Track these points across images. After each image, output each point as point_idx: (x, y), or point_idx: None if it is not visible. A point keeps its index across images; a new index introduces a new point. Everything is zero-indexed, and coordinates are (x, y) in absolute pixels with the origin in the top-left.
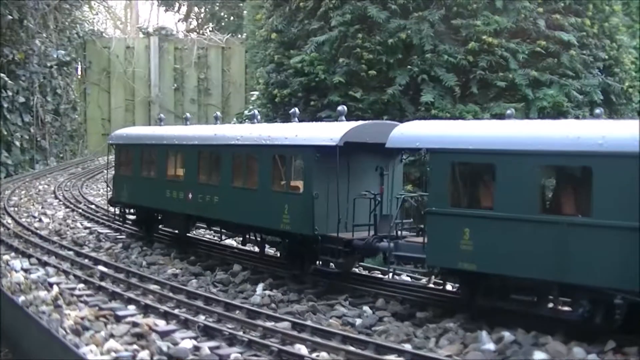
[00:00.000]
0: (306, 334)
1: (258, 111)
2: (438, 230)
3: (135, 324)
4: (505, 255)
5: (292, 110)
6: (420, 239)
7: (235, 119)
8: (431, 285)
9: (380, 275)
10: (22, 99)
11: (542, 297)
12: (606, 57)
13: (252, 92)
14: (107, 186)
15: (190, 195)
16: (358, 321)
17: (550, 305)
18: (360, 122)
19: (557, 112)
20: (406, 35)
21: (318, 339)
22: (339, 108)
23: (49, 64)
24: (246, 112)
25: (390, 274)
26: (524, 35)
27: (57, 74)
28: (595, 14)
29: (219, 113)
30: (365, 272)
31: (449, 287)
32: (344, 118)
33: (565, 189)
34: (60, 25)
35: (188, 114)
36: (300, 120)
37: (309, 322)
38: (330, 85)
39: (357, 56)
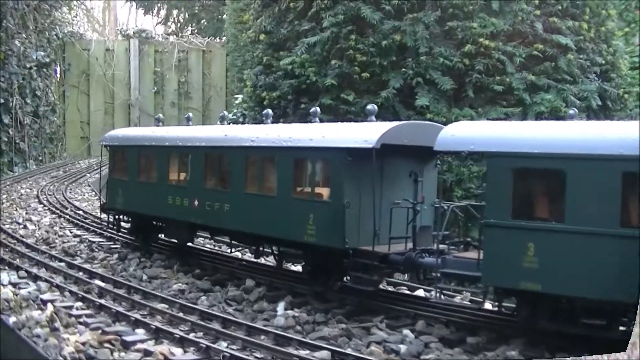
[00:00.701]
0: None
1: (246, 114)
2: (497, 245)
3: (147, 352)
4: (576, 274)
5: (313, 109)
6: (470, 254)
7: (218, 123)
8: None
9: (407, 292)
10: (1, 100)
11: (613, 319)
12: (603, 62)
13: (236, 95)
14: (92, 191)
15: (196, 202)
16: (402, 348)
17: (622, 328)
18: (398, 122)
19: (555, 118)
20: (400, 37)
21: None
22: (369, 107)
23: (28, 65)
24: (230, 115)
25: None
26: (521, 38)
27: (37, 76)
28: (591, 18)
29: (226, 112)
30: (389, 288)
31: (487, 306)
32: (374, 118)
33: None
34: (40, 26)
35: (190, 114)
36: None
37: (349, 351)
38: (322, 87)
39: (350, 58)
